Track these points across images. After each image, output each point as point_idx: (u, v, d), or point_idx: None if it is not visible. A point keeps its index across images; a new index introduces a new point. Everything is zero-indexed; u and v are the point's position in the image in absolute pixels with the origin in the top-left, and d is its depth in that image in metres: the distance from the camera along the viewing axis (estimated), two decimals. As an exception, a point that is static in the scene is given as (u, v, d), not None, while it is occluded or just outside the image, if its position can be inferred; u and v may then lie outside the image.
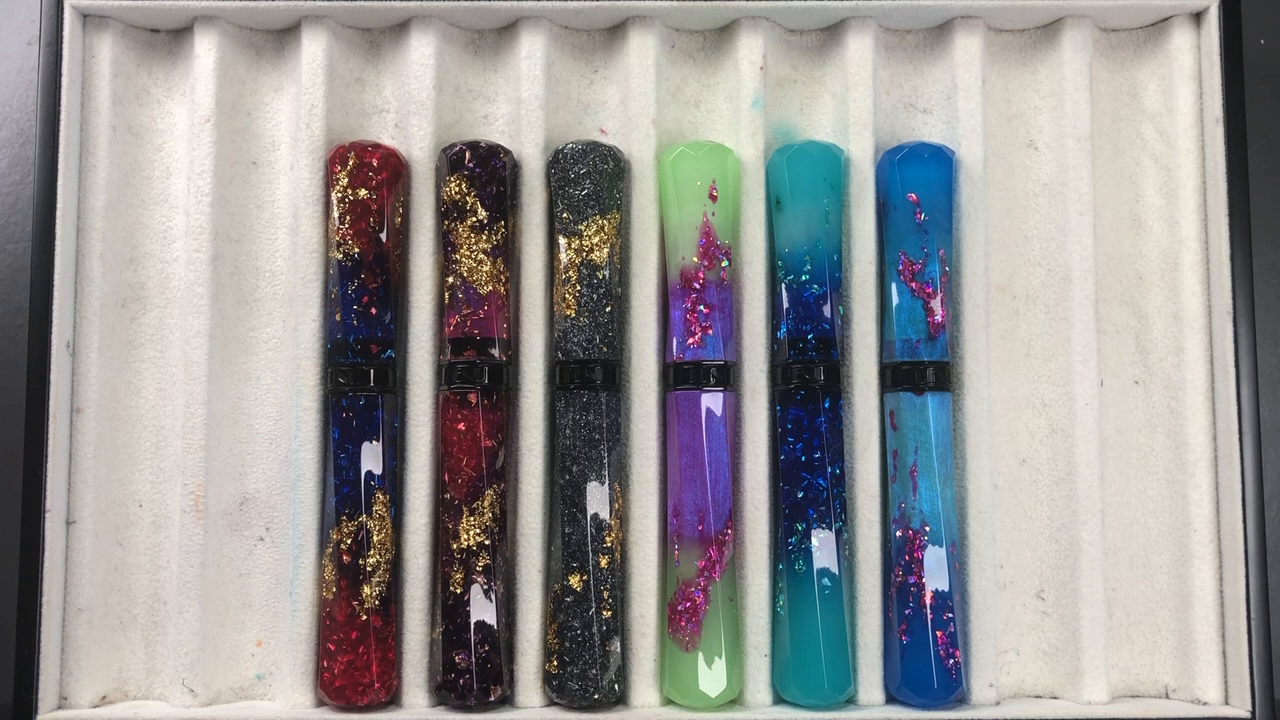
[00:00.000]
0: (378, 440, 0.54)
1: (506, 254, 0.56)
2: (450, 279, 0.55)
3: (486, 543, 0.54)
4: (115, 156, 0.57)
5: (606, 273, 0.55)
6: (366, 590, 0.53)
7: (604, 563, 0.54)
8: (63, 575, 0.55)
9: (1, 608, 0.55)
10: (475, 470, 0.54)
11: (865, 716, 0.53)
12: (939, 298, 0.55)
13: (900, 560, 0.55)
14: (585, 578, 0.54)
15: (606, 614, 0.54)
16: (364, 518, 0.54)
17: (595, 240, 0.55)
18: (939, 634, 0.54)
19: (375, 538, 0.54)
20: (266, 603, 0.57)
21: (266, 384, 0.57)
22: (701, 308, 0.55)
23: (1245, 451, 0.55)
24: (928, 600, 0.54)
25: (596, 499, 0.54)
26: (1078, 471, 0.56)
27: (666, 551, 0.55)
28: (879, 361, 0.56)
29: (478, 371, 0.55)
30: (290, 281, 0.57)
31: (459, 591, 0.54)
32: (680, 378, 0.55)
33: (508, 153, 0.56)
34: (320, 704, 0.55)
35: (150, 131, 0.59)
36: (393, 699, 0.55)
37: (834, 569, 0.54)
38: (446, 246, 0.56)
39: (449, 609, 0.54)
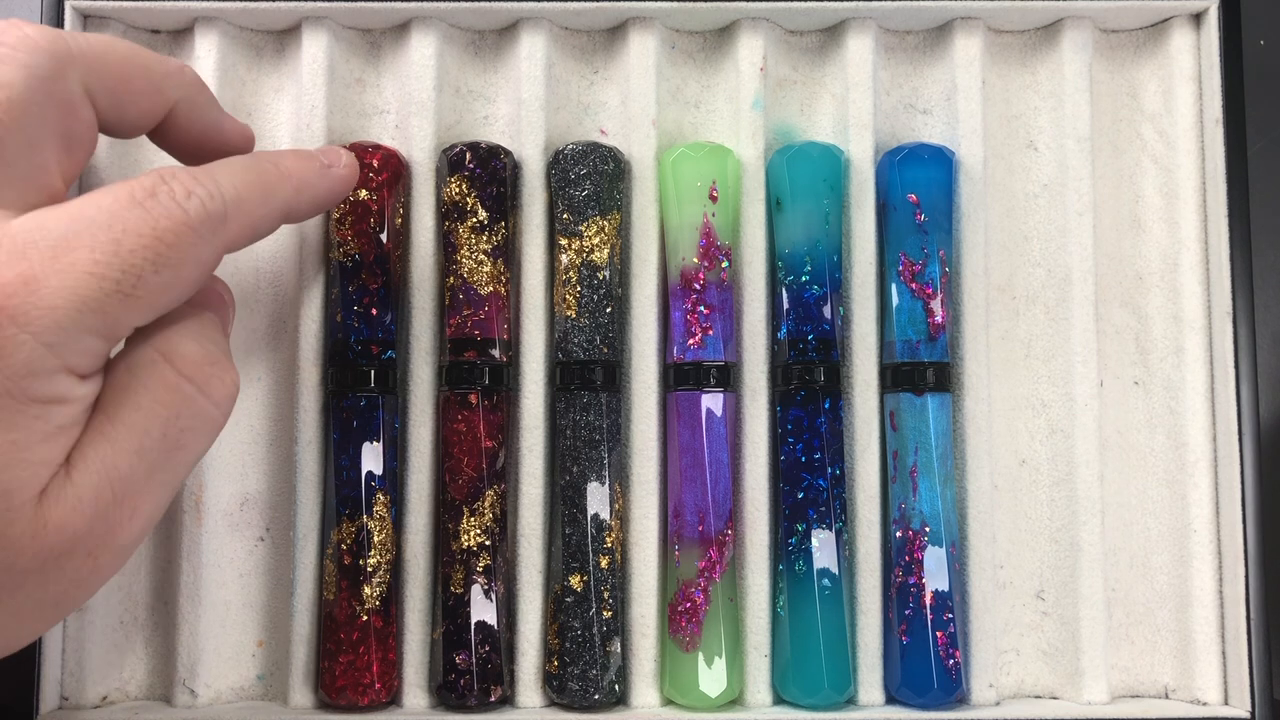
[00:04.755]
0: (378, 441, 0.54)
1: (507, 255, 0.56)
2: (451, 280, 0.55)
3: (487, 543, 0.54)
4: (116, 157, 0.57)
5: (607, 273, 0.55)
6: (367, 591, 0.54)
7: (604, 563, 0.54)
8: (63, 576, 0.55)
9: (2, 608, 0.55)
10: (475, 471, 0.54)
11: (865, 717, 0.53)
12: (939, 298, 0.55)
13: (900, 561, 0.55)
14: (585, 578, 0.54)
15: (607, 614, 0.54)
16: (364, 518, 0.54)
17: (595, 241, 0.55)
18: (939, 634, 0.54)
19: (376, 538, 0.54)
20: (267, 603, 0.57)
21: (267, 385, 0.57)
22: (702, 308, 0.55)
23: (1245, 451, 0.55)
24: (928, 601, 0.54)
25: (597, 499, 0.54)
26: (1078, 472, 0.56)
27: (667, 552, 0.56)
28: (879, 362, 0.56)
29: (478, 372, 0.55)
30: (291, 282, 0.57)
31: (459, 592, 0.54)
32: (680, 378, 0.55)
33: (508, 154, 0.56)
34: (321, 704, 0.55)
35: (151, 132, 0.59)
36: (393, 699, 0.55)
37: (834, 569, 0.54)
38: (447, 247, 0.56)
39: (449, 609, 0.54)
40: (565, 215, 0.56)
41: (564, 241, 0.56)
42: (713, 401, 0.55)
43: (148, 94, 0.45)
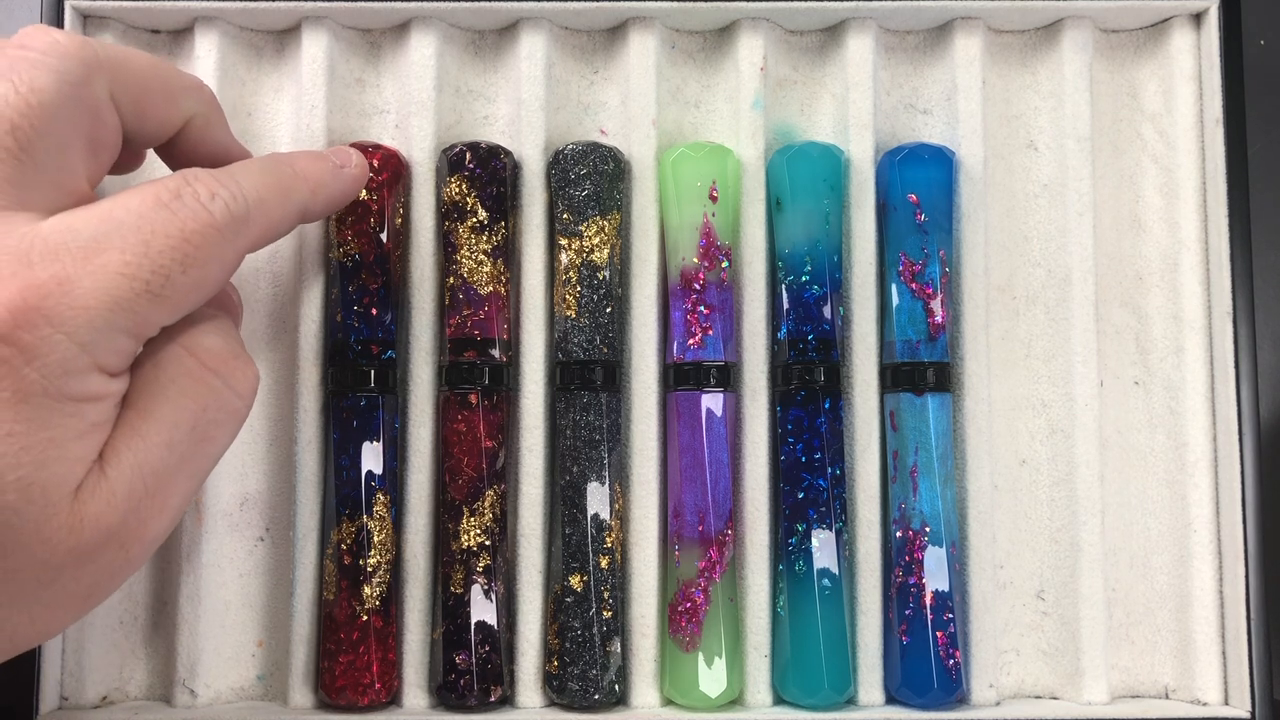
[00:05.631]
0: (378, 441, 0.54)
1: (507, 255, 0.56)
2: (451, 280, 0.55)
3: (487, 543, 0.54)
4: (116, 157, 0.57)
5: (607, 273, 0.55)
6: (367, 591, 0.54)
7: (604, 563, 0.54)
8: (63, 576, 0.55)
9: (2, 608, 0.55)
10: (475, 471, 0.54)
11: (865, 717, 0.53)
12: (939, 298, 0.55)
13: (900, 561, 0.55)
14: (585, 578, 0.54)
15: (607, 614, 0.54)
16: (364, 518, 0.54)
17: (595, 241, 0.55)
18: (939, 634, 0.54)
19: (376, 538, 0.54)
20: (266, 603, 0.57)
21: (267, 385, 0.57)
22: (702, 308, 0.55)
23: (1245, 451, 0.55)
24: (928, 601, 0.54)
25: (597, 499, 0.54)
26: (1078, 472, 0.56)
27: (667, 552, 0.56)
28: (879, 362, 0.56)
29: (478, 372, 0.55)
30: (291, 282, 0.57)
31: (459, 592, 0.54)
32: (680, 378, 0.55)
33: (508, 153, 0.56)
34: (321, 704, 0.55)
35: (151, 132, 0.58)
36: (393, 699, 0.55)
37: (834, 569, 0.54)
38: (447, 247, 0.56)
39: (449, 609, 0.54)
40: (565, 215, 0.56)
41: (564, 241, 0.56)
42: (713, 401, 0.55)
43: (166, 105, 0.46)
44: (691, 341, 0.55)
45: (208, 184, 0.42)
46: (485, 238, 0.55)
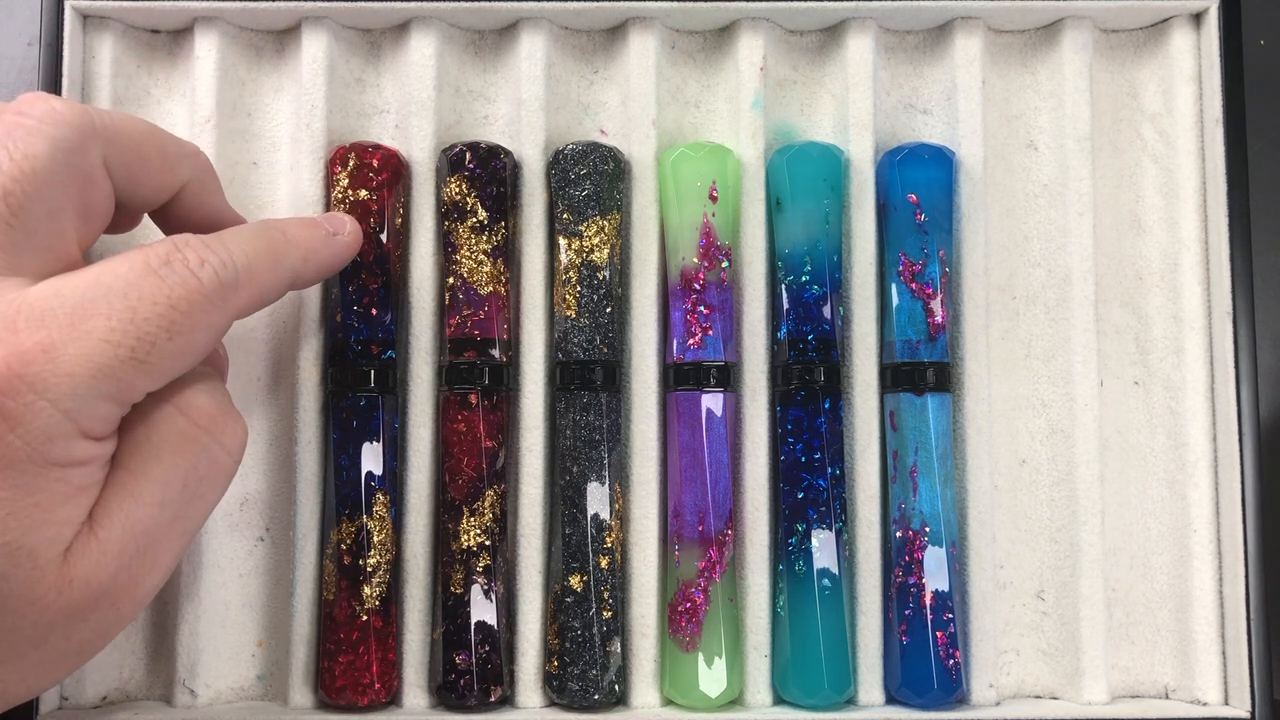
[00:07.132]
0: (378, 441, 0.54)
1: (507, 255, 0.56)
2: (451, 280, 0.55)
3: (487, 543, 0.54)
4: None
5: (607, 273, 0.55)
6: (367, 591, 0.54)
7: (604, 563, 0.54)
8: (63, 576, 0.55)
9: (2, 608, 0.55)
10: (475, 471, 0.54)
11: (865, 717, 0.53)
12: (939, 298, 0.55)
13: (900, 561, 0.55)
14: (585, 578, 0.54)
15: (607, 614, 0.54)
16: (364, 518, 0.54)
17: (595, 241, 0.55)
18: (939, 634, 0.54)
19: (375, 538, 0.54)
20: (266, 603, 0.57)
21: (266, 384, 0.57)
22: (702, 308, 0.55)
23: (1245, 451, 0.55)
24: (928, 601, 0.54)
25: (597, 499, 0.54)
26: (1078, 472, 0.56)
27: (667, 552, 0.56)
28: (879, 362, 0.56)
29: (478, 372, 0.55)
30: (291, 282, 0.57)
31: (459, 592, 0.54)
32: (680, 378, 0.55)
33: (508, 153, 0.56)
34: (321, 704, 0.55)
35: (151, 132, 0.58)
36: (393, 699, 0.55)
37: (834, 569, 0.54)
38: (447, 247, 0.56)
39: (449, 609, 0.54)
40: (565, 215, 0.56)
41: (564, 241, 0.56)
42: (713, 401, 0.55)
43: (161, 171, 0.46)
44: (691, 341, 0.55)
45: (198, 250, 0.42)
46: (485, 238, 0.55)
